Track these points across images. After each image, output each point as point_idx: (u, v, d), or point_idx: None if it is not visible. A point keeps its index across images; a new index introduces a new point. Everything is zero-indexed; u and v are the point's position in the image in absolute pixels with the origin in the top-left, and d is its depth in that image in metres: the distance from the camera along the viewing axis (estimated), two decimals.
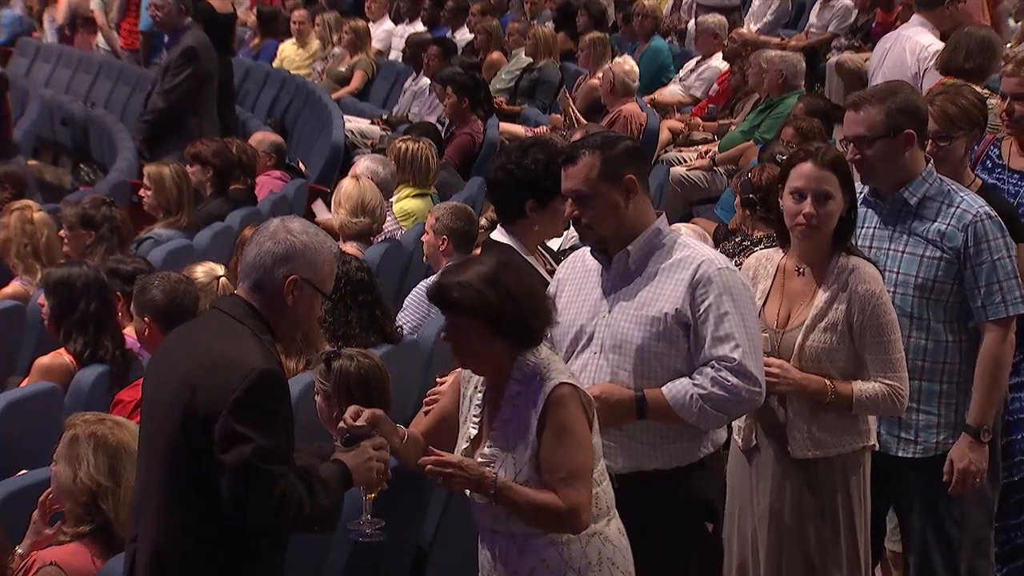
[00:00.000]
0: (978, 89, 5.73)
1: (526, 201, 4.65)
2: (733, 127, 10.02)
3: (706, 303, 3.89)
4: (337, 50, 13.68)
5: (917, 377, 4.47)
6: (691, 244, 4.05)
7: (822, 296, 4.23)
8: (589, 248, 4.12)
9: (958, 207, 4.50)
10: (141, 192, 8.18)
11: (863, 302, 4.17)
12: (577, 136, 8.69)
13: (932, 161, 4.65)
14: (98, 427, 4.07)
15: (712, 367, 3.88)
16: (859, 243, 4.53)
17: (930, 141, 4.94)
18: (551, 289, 4.20)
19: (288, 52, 14.26)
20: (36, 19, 17.82)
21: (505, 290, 3.62)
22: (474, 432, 3.75)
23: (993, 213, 4.55)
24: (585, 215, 3.99)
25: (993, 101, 5.81)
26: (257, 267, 3.64)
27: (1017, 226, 4.94)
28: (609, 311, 4.01)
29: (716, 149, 9.83)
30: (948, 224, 4.48)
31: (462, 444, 3.77)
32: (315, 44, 14.07)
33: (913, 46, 8.01)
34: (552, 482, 3.58)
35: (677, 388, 3.90)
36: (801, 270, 4.30)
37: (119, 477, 4.01)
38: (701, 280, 3.91)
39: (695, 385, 3.89)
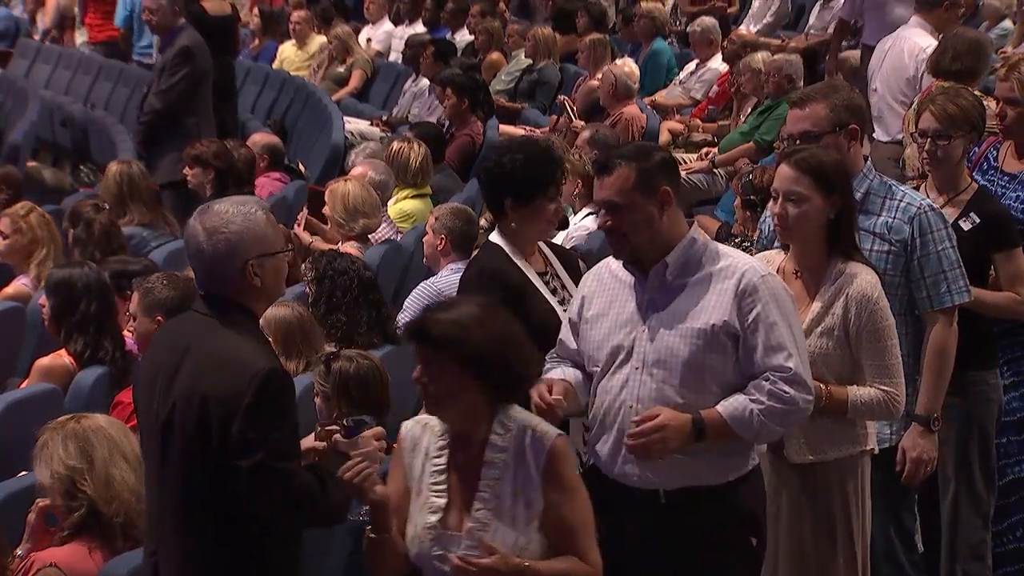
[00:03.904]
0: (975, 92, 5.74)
1: (504, 200, 4.62)
2: (732, 128, 10.03)
3: (754, 312, 3.81)
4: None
5: None
6: (729, 252, 3.96)
7: (818, 301, 4.22)
8: (615, 260, 4.02)
9: (901, 200, 4.53)
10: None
11: (859, 307, 4.16)
12: (585, 134, 8.74)
13: (869, 160, 4.67)
14: (65, 424, 4.11)
15: (767, 379, 3.80)
16: None
17: (929, 140, 4.96)
18: (574, 305, 4.10)
19: (288, 53, 14.24)
20: (30, 18, 17.80)
21: (491, 330, 3.52)
22: (442, 501, 3.58)
23: (935, 205, 4.61)
24: (619, 226, 3.90)
25: (990, 104, 5.82)
26: (212, 276, 3.65)
27: (1012, 230, 4.95)
28: (649, 325, 3.90)
29: (716, 151, 9.84)
30: (894, 217, 4.51)
31: (427, 517, 3.59)
32: (314, 45, 14.05)
33: (911, 47, 8.02)
34: (572, 543, 3.52)
35: (735, 406, 3.81)
36: (799, 273, 4.30)
37: (91, 456, 4.02)
38: (747, 289, 3.82)
39: (752, 401, 3.80)
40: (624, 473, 3.90)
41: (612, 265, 4.06)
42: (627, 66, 10.29)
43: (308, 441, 3.89)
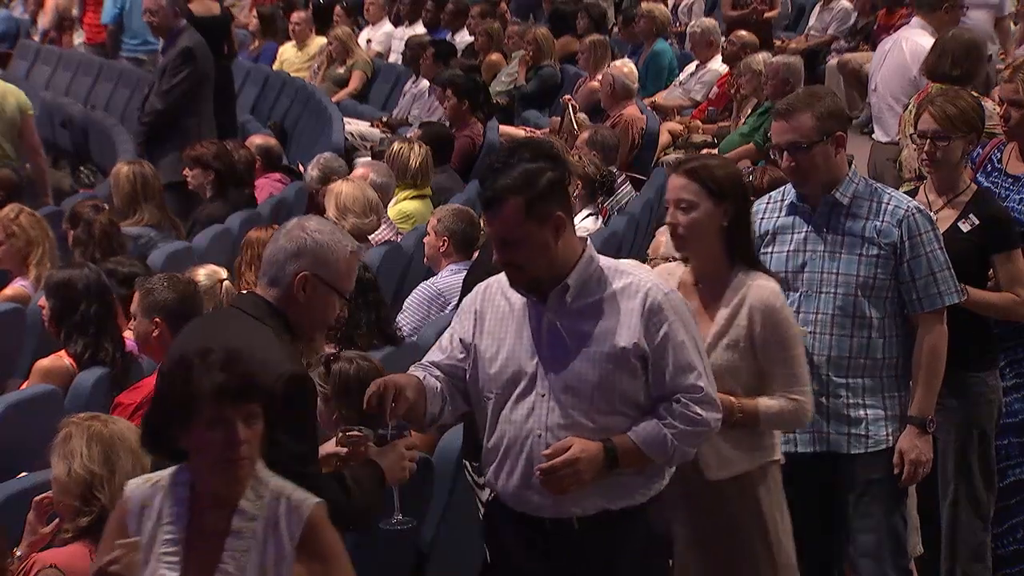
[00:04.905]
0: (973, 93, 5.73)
1: None
2: (732, 130, 10.04)
3: (662, 332, 3.68)
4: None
5: (860, 375, 4.51)
6: (628, 269, 3.80)
7: (722, 313, 4.15)
8: (510, 283, 3.80)
9: (888, 203, 4.52)
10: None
11: (764, 317, 4.09)
12: (584, 135, 8.75)
13: (853, 162, 4.69)
14: (92, 423, 4.08)
15: (678, 402, 3.69)
16: (792, 248, 4.55)
17: (928, 141, 4.96)
18: (466, 322, 3.87)
19: (288, 55, 14.25)
20: (32, 20, 17.79)
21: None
22: (173, 575, 3.20)
23: (922, 207, 4.60)
24: (514, 260, 3.69)
25: (988, 104, 5.83)
26: (271, 263, 3.66)
27: (1012, 232, 4.95)
28: (552, 350, 3.72)
29: (716, 152, 9.85)
30: (883, 220, 4.50)
31: None
32: (314, 46, 14.05)
33: (913, 48, 8.02)
34: None
35: (648, 432, 3.69)
36: (699, 284, 4.24)
37: (113, 465, 4.01)
38: (653, 309, 3.68)
39: (665, 425, 3.69)
40: (535, 504, 3.74)
41: (503, 283, 3.84)
42: (626, 67, 10.29)
43: (328, 447, 3.85)
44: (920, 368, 4.54)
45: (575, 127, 9.79)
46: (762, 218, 4.65)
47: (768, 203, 4.69)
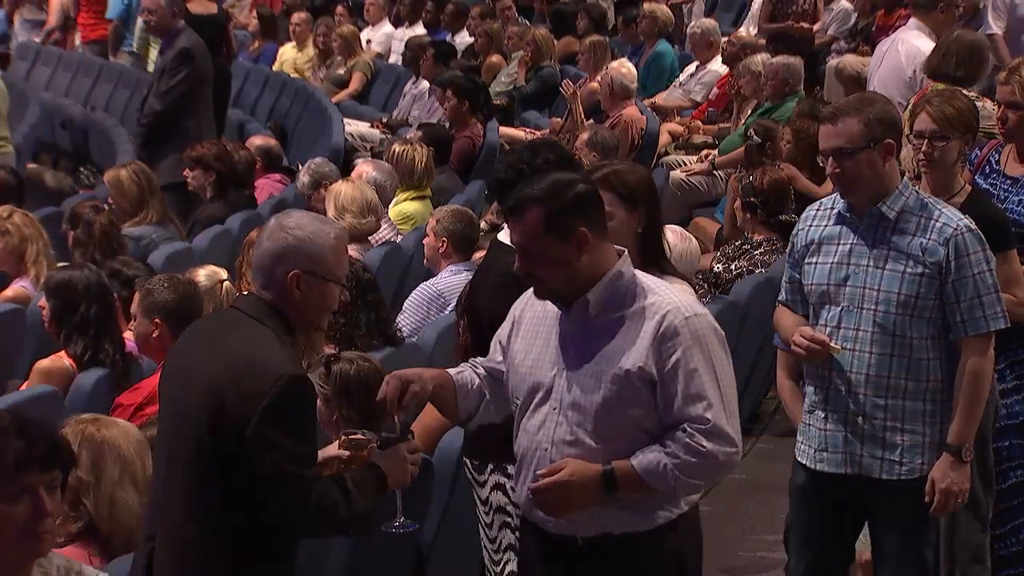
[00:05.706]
0: (970, 94, 5.73)
1: None
2: (733, 131, 10.05)
3: (673, 358, 3.54)
4: (339, 58, 13.69)
5: (900, 397, 4.33)
6: (656, 289, 3.65)
7: None
8: (533, 292, 3.75)
9: (938, 220, 4.35)
10: (110, 199, 8.21)
11: None
12: (584, 136, 8.76)
13: (905, 176, 4.52)
14: (87, 426, 4.06)
15: (684, 431, 3.54)
16: (836, 260, 4.39)
17: (926, 141, 4.94)
18: (505, 327, 3.84)
19: (288, 55, 14.27)
20: (8, 19, 17.73)
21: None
22: None
23: (973, 226, 4.40)
24: (532, 270, 3.62)
25: (987, 105, 5.83)
26: (260, 269, 3.65)
27: (1007, 233, 4.93)
28: (568, 364, 3.64)
29: (715, 153, 9.86)
30: (930, 238, 4.32)
31: None
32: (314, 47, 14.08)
33: (909, 49, 8.03)
34: None
35: (649, 459, 3.56)
36: None
37: (100, 472, 3.99)
38: (667, 333, 3.55)
39: (667, 454, 3.55)
40: (540, 517, 3.68)
41: None
42: (624, 67, 10.29)
43: (330, 450, 3.84)
44: (961, 394, 4.34)
45: (580, 116, 9.81)
46: (809, 226, 4.49)
47: (817, 211, 4.52)
